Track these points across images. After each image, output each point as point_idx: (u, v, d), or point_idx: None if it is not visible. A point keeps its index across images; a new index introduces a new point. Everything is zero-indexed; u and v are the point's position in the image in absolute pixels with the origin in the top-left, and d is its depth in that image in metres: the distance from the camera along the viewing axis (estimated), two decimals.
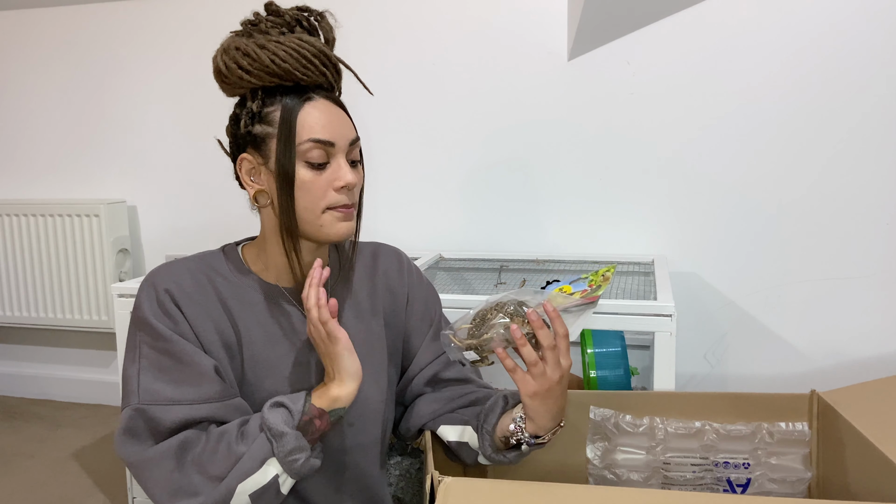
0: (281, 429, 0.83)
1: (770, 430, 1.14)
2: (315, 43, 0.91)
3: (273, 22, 0.93)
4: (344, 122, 0.93)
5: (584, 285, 0.96)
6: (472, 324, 0.91)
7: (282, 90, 0.91)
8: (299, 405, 0.86)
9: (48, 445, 2.15)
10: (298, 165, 0.89)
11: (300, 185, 0.90)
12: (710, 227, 1.88)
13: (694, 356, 1.94)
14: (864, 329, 1.81)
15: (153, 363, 0.88)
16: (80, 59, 2.32)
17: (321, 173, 0.90)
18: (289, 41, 0.89)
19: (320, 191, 0.90)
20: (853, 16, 1.71)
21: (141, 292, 0.91)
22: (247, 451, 0.83)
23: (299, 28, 0.93)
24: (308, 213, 0.91)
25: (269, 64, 0.88)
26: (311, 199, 0.90)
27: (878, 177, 1.76)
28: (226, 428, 0.86)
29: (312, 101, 0.90)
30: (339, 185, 0.91)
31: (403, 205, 2.10)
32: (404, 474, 1.29)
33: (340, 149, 0.91)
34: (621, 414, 1.16)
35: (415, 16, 2.01)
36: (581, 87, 1.91)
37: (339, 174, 0.91)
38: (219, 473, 0.83)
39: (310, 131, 0.89)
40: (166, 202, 2.33)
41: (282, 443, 0.83)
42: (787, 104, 1.78)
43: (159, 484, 0.83)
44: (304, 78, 0.90)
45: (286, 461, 0.84)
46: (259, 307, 0.96)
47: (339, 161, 0.91)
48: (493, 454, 0.96)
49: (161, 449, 0.84)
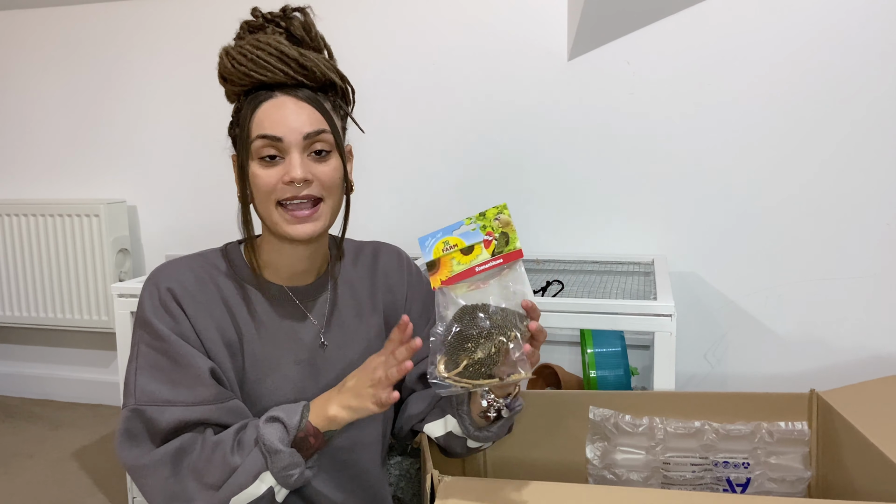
0: (276, 446, 0.84)
1: (769, 429, 1.14)
2: (272, 42, 0.91)
3: (251, 27, 0.95)
4: (300, 117, 0.90)
5: (479, 234, 0.87)
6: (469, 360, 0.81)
7: (254, 91, 0.92)
8: (295, 420, 0.86)
9: (48, 445, 2.15)
10: (252, 162, 0.91)
11: (253, 182, 0.91)
12: (710, 227, 1.88)
13: (694, 356, 1.94)
14: (865, 329, 1.81)
15: (150, 363, 0.88)
16: (81, 60, 2.32)
17: (272, 169, 0.90)
18: (248, 43, 0.91)
19: (269, 186, 0.90)
20: (852, 16, 1.71)
21: (143, 291, 0.92)
22: (241, 463, 0.84)
23: (272, 28, 0.94)
24: (262, 207, 0.92)
25: (230, 69, 0.91)
26: (262, 194, 0.91)
27: (878, 176, 1.76)
28: (222, 437, 0.87)
29: (273, 98, 0.91)
30: (286, 179, 0.89)
31: (403, 204, 2.10)
32: (404, 474, 1.29)
33: (292, 143, 0.89)
34: (621, 414, 1.16)
35: (415, 16, 2.01)
36: (581, 87, 1.91)
37: (287, 168, 0.90)
38: (214, 482, 0.84)
39: (259, 128, 0.90)
40: (166, 202, 2.33)
41: (276, 459, 0.84)
42: (786, 103, 1.78)
43: (156, 490, 0.85)
44: (262, 77, 0.91)
45: (280, 476, 0.84)
46: (260, 305, 0.96)
47: (291, 156, 0.90)
48: (476, 432, 0.95)
49: (158, 455, 0.85)
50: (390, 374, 0.83)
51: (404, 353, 0.83)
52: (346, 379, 0.90)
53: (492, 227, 0.87)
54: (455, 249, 0.86)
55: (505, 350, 0.81)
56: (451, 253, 0.87)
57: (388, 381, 0.83)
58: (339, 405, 0.87)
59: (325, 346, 0.99)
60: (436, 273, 0.86)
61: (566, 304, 1.38)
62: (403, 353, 0.83)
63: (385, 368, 0.84)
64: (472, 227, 0.87)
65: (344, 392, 0.88)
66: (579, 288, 1.65)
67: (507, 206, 0.88)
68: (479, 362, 0.81)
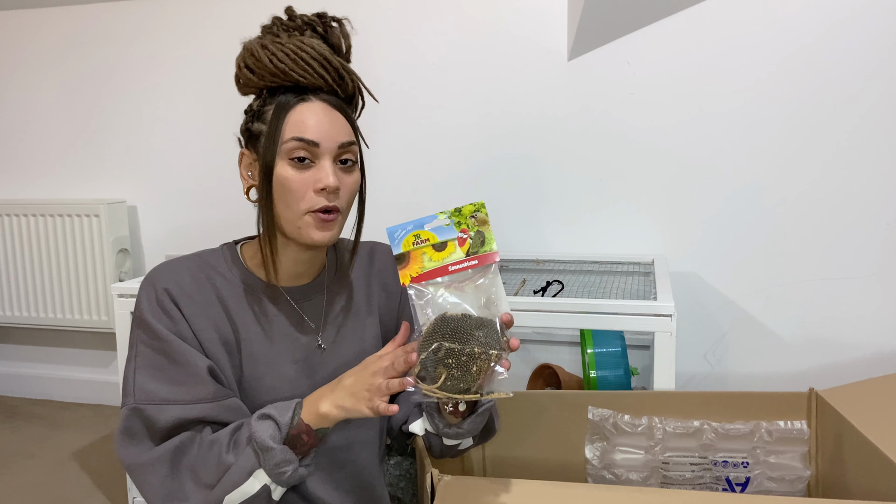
0: (267, 444, 0.84)
1: (769, 428, 1.14)
2: (316, 46, 0.92)
3: (286, 26, 0.94)
4: (336, 125, 0.91)
5: (454, 231, 0.83)
6: (448, 373, 0.78)
7: (283, 90, 0.92)
8: (287, 417, 0.86)
9: (48, 445, 2.15)
10: (282, 163, 0.90)
11: (281, 183, 0.90)
12: (710, 227, 1.88)
13: (694, 356, 1.94)
14: (865, 329, 1.81)
15: (149, 362, 0.89)
16: (81, 60, 2.33)
17: (304, 173, 0.90)
18: (291, 43, 0.91)
19: (300, 191, 0.90)
20: (852, 16, 1.72)
21: (141, 291, 0.93)
22: (235, 462, 0.84)
23: (310, 32, 0.94)
24: (288, 212, 0.91)
25: (267, 63, 0.90)
26: (291, 198, 0.90)
27: (878, 176, 1.76)
28: (218, 436, 0.87)
29: (307, 101, 0.91)
30: (319, 186, 0.89)
31: (404, 205, 2.10)
32: (404, 474, 1.30)
33: (326, 150, 0.90)
34: (619, 414, 1.16)
35: (415, 16, 2.01)
36: (581, 87, 1.91)
37: (321, 175, 0.89)
38: (209, 481, 0.84)
39: (295, 129, 0.89)
40: (166, 202, 2.34)
41: (268, 456, 0.84)
42: (786, 104, 1.78)
43: (153, 488, 0.85)
44: (301, 79, 0.91)
45: (273, 473, 0.84)
46: (257, 305, 0.96)
47: (324, 163, 0.90)
48: (446, 429, 0.92)
49: (156, 454, 0.85)
50: (391, 385, 0.82)
51: (402, 366, 0.82)
52: (344, 376, 0.89)
53: (467, 223, 0.83)
54: (427, 244, 0.83)
55: (487, 368, 0.78)
56: (423, 247, 0.83)
57: (388, 390, 0.82)
58: (332, 403, 0.86)
59: (322, 347, 1.00)
60: (405, 267, 0.83)
61: (566, 304, 1.38)
62: (402, 365, 0.82)
63: (385, 376, 0.83)
64: (446, 223, 0.83)
65: (339, 391, 0.87)
66: (579, 288, 1.65)
67: (484, 204, 0.84)
68: (458, 379, 0.78)
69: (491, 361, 0.77)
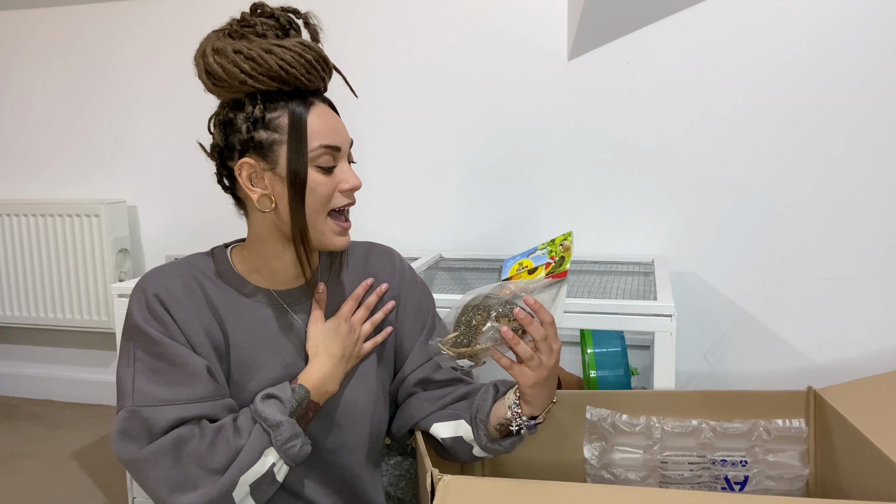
0: (277, 418, 0.87)
1: (767, 427, 1.14)
2: (314, 47, 0.92)
3: (268, 24, 0.92)
4: (343, 127, 0.96)
5: (545, 258, 0.97)
6: (458, 331, 0.91)
7: (282, 95, 0.91)
8: (287, 393, 0.91)
9: (48, 445, 2.15)
10: (312, 170, 0.92)
11: (315, 189, 0.92)
12: (710, 227, 1.88)
13: (694, 356, 1.94)
14: (864, 329, 1.81)
15: (148, 367, 0.89)
16: (81, 60, 2.33)
17: (329, 177, 0.93)
18: (293, 46, 0.90)
19: (327, 194, 0.93)
20: (853, 17, 1.72)
21: (132, 298, 0.93)
22: (246, 443, 0.86)
23: (293, 31, 0.94)
24: (314, 216, 0.93)
25: (276, 70, 0.88)
26: (319, 202, 0.93)
27: (878, 177, 1.76)
28: (221, 423, 0.88)
29: (315, 106, 0.93)
30: (345, 186, 0.94)
31: (403, 205, 2.10)
32: (404, 474, 1.30)
33: (344, 153, 0.95)
34: (618, 413, 1.17)
35: (415, 16, 2.02)
36: (581, 87, 1.91)
37: (345, 177, 0.94)
38: (218, 467, 0.85)
39: (319, 138, 0.91)
40: (166, 202, 2.34)
41: (279, 432, 0.87)
42: (787, 104, 1.79)
43: (158, 481, 0.85)
44: (308, 84, 0.91)
45: (283, 448, 0.87)
46: (246, 310, 0.97)
47: (343, 164, 0.95)
48: (488, 444, 0.97)
49: (156, 447, 0.85)
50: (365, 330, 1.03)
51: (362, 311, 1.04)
52: (327, 348, 0.97)
53: (555, 251, 0.97)
54: (524, 270, 0.98)
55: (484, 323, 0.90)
56: (521, 273, 0.98)
57: (364, 335, 1.02)
58: (337, 379, 0.97)
59: None
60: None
61: (566, 304, 1.38)
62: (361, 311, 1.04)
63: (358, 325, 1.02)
64: (543, 252, 1.00)
65: (336, 363, 0.97)
66: (579, 288, 1.65)
67: (571, 233, 0.99)
68: (464, 335, 0.91)
69: (487, 318, 0.89)
